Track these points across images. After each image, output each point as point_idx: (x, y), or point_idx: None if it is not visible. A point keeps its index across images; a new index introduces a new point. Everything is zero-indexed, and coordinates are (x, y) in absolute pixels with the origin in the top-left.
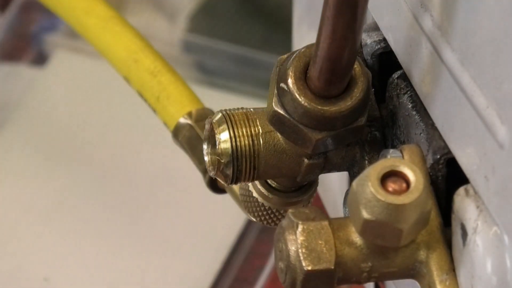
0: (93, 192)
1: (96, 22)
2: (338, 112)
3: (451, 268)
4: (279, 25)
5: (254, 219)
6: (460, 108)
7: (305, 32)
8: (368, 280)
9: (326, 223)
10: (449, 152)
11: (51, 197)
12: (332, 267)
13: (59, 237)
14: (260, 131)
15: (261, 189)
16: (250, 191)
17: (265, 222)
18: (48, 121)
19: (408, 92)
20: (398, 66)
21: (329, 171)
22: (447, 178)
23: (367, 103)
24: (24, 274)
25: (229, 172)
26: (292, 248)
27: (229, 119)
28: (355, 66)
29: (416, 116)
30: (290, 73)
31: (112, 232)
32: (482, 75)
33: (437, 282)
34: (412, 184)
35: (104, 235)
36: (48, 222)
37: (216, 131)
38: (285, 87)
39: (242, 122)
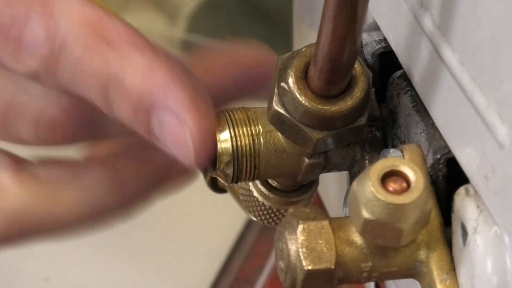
0: None
1: None
2: (339, 112)
3: (451, 268)
4: (279, 25)
5: (254, 219)
6: (460, 108)
7: (305, 32)
8: (368, 279)
9: (326, 222)
10: (450, 151)
11: None
12: (333, 267)
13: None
14: (261, 130)
15: (261, 189)
16: (250, 190)
17: (265, 222)
18: None
19: (409, 92)
20: (399, 66)
21: (330, 170)
22: (448, 177)
23: (367, 103)
24: (24, 274)
25: (230, 171)
26: (292, 247)
27: (230, 118)
28: (356, 65)
29: (417, 116)
30: (291, 73)
31: (112, 232)
32: (482, 75)
33: (437, 282)
34: (413, 184)
35: (104, 235)
36: None
37: (216, 131)
38: (286, 87)
39: (242, 121)
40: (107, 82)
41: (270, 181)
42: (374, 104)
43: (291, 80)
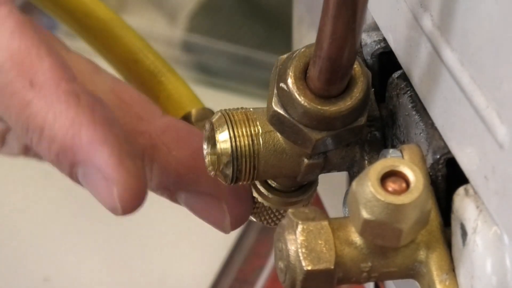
0: None
1: (96, 24)
2: (338, 112)
3: (451, 268)
4: (279, 25)
5: (254, 219)
6: (460, 108)
7: (305, 32)
8: (368, 280)
9: (325, 223)
10: (449, 152)
11: (51, 198)
12: (332, 267)
13: (59, 237)
14: (260, 131)
15: (261, 189)
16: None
17: (265, 222)
18: None
19: (408, 92)
20: (398, 66)
21: (329, 171)
22: (447, 178)
23: (367, 103)
24: (24, 274)
25: (229, 172)
26: (292, 248)
27: (229, 119)
28: (355, 66)
29: (416, 116)
30: (290, 73)
31: (112, 232)
32: (482, 75)
33: (436, 282)
34: (412, 184)
35: (104, 235)
36: (48, 223)
37: (216, 131)
38: (285, 87)
39: (242, 122)
40: (26, 123)
41: (269, 181)
42: (374, 104)
43: (290, 81)
